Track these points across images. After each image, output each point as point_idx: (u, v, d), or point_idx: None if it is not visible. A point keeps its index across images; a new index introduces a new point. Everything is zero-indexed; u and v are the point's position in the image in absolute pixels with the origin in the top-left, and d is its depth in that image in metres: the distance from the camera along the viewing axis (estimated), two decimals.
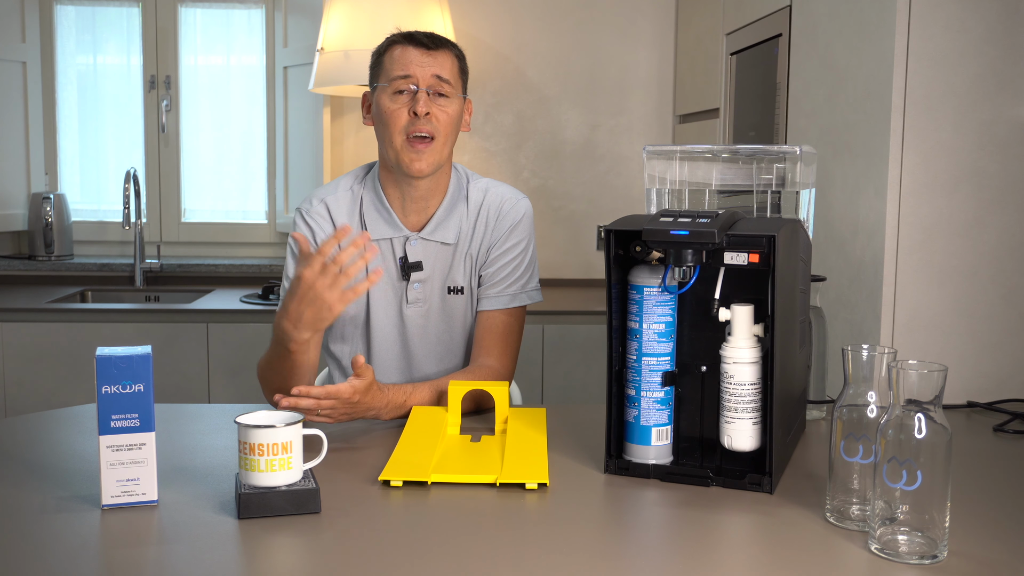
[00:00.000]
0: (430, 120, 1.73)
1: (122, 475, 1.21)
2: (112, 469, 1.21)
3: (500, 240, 1.84)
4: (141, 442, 1.21)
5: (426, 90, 1.73)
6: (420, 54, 1.75)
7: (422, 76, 1.73)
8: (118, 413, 1.20)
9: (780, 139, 2.36)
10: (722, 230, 1.28)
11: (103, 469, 1.21)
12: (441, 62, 1.76)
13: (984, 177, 1.77)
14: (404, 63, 1.75)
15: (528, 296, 1.86)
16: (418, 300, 1.83)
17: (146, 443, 1.22)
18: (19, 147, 3.57)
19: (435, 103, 1.74)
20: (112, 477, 1.21)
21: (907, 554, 1.07)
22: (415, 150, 1.73)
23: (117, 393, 1.20)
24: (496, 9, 3.57)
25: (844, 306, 1.95)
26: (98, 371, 1.19)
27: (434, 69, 1.74)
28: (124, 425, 1.21)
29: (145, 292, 3.51)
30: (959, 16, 1.74)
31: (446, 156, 1.78)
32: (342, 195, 1.84)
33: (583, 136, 3.64)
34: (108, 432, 1.20)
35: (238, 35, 3.73)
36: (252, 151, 3.76)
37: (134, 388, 1.21)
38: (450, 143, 1.78)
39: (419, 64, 1.74)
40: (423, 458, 1.38)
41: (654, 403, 1.35)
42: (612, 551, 1.11)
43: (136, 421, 1.21)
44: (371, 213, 1.82)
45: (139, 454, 1.21)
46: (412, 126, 1.72)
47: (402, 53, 1.76)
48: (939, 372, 1.05)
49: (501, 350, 1.80)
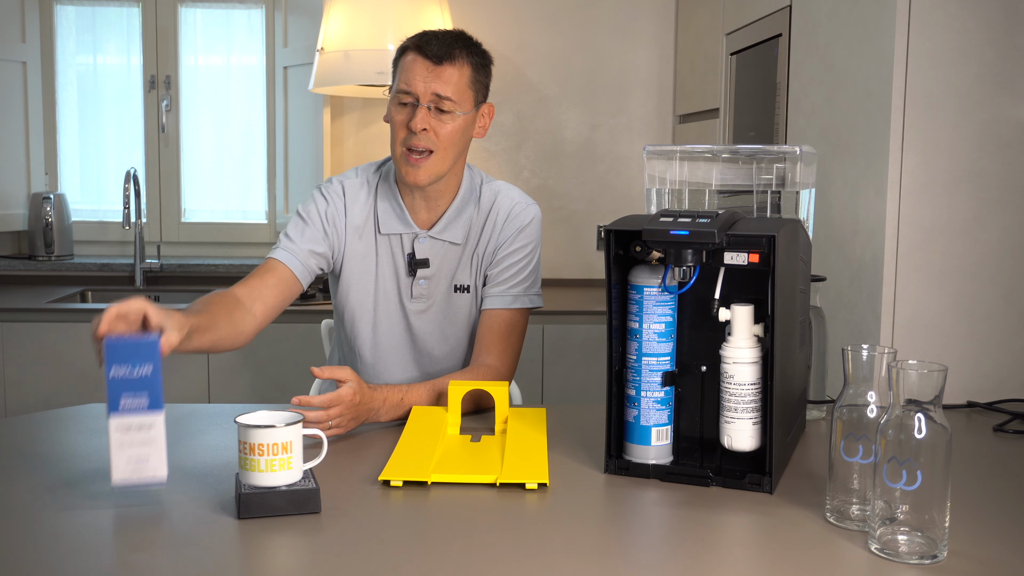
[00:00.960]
0: (427, 135, 1.74)
1: (132, 454, 1.22)
2: (122, 449, 1.22)
3: (507, 242, 1.85)
4: (151, 422, 1.23)
5: (427, 106, 1.73)
6: (426, 69, 1.74)
7: (423, 92, 1.74)
8: (128, 393, 1.22)
9: (780, 139, 2.36)
10: (722, 230, 1.28)
11: (113, 449, 1.21)
12: (446, 78, 1.74)
13: (984, 177, 1.77)
14: (409, 76, 1.75)
15: (530, 299, 1.87)
16: (422, 296, 1.85)
17: (155, 423, 1.23)
18: (19, 147, 3.57)
19: (435, 118, 1.74)
20: (122, 456, 1.22)
21: (907, 554, 1.07)
22: (410, 163, 1.75)
23: (126, 376, 1.22)
24: (496, 9, 3.57)
25: (844, 306, 1.95)
26: (107, 354, 1.21)
27: (435, 87, 1.73)
28: (133, 405, 1.22)
29: (145, 292, 3.51)
30: (959, 16, 1.74)
31: (446, 167, 1.79)
32: (359, 183, 1.87)
33: (583, 136, 3.64)
34: (118, 412, 1.22)
35: (238, 35, 3.73)
36: (252, 151, 3.76)
37: (142, 370, 1.22)
38: (451, 155, 1.78)
39: (422, 79, 1.74)
40: (423, 458, 1.38)
41: (654, 403, 1.35)
42: (612, 551, 1.11)
43: (145, 402, 1.23)
44: (384, 207, 1.85)
45: (148, 434, 1.23)
46: (409, 140, 1.74)
47: (411, 64, 1.75)
48: (939, 372, 1.05)
49: (502, 349, 1.81)
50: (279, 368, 3.03)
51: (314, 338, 2.98)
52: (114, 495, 1.25)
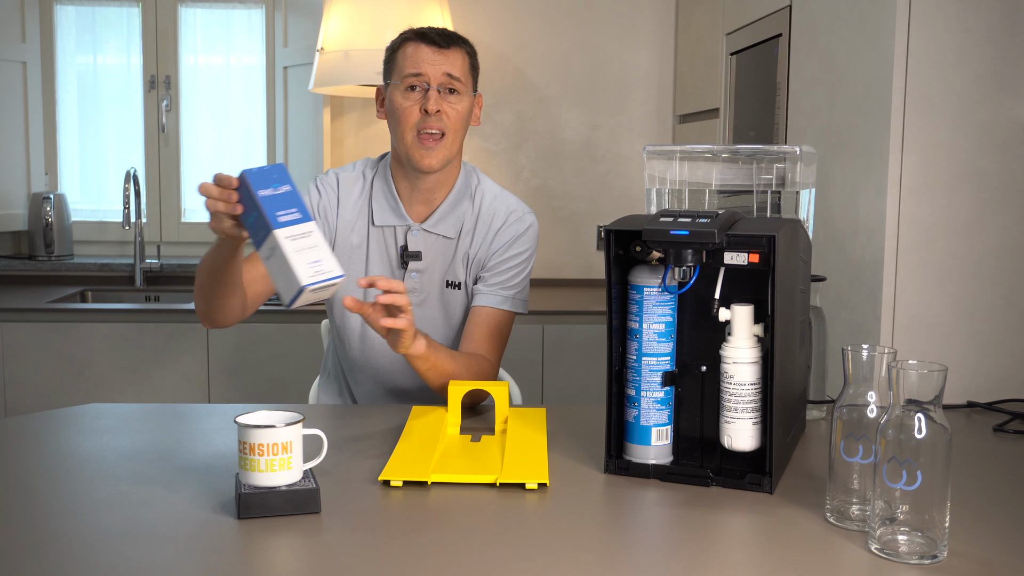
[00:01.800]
0: (441, 117, 1.77)
1: (308, 258, 1.30)
2: (299, 254, 1.30)
3: (503, 248, 1.87)
4: (309, 230, 1.32)
5: (437, 88, 1.77)
6: (432, 52, 1.78)
7: (433, 74, 1.77)
8: (281, 210, 1.31)
9: (780, 139, 2.36)
10: (722, 230, 1.28)
11: (291, 256, 1.28)
12: (453, 60, 1.79)
13: (984, 177, 1.77)
14: (416, 61, 1.78)
15: (521, 303, 1.89)
16: (414, 289, 1.87)
17: (313, 230, 1.32)
18: (19, 147, 3.57)
19: (446, 100, 1.78)
20: (301, 261, 1.29)
21: (907, 554, 1.07)
22: (425, 147, 1.77)
23: (273, 194, 1.32)
24: (496, 9, 3.57)
25: (844, 306, 1.95)
26: (252, 181, 1.32)
27: (445, 67, 1.77)
28: (290, 218, 1.32)
29: (145, 292, 3.52)
30: (959, 16, 1.74)
31: (455, 151, 1.82)
32: (355, 176, 1.90)
33: (583, 136, 3.64)
34: (280, 226, 1.30)
35: (238, 35, 3.73)
36: (252, 151, 3.76)
37: (283, 188, 1.34)
38: (460, 139, 1.82)
39: (431, 62, 1.77)
40: (423, 458, 1.38)
41: (654, 403, 1.35)
42: (612, 551, 1.11)
43: (297, 214, 1.32)
44: (379, 199, 1.87)
45: (312, 239, 1.32)
46: (423, 123, 1.76)
47: (415, 51, 1.79)
48: (939, 372, 1.05)
49: (490, 346, 1.82)
50: (279, 368, 3.03)
51: (314, 338, 2.98)
52: (118, 486, 1.25)
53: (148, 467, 1.37)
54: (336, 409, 1.80)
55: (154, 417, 1.65)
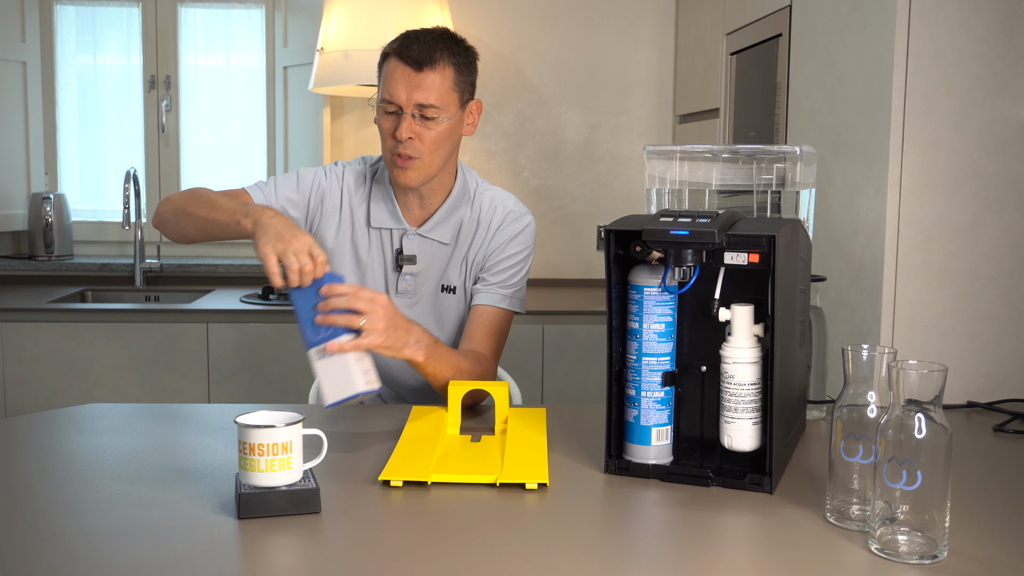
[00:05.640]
0: (413, 143, 1.75)
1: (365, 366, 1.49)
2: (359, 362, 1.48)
3: (500, 247, 1.87)
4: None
5: (410, 114, 1.74)
6: (409, 74, 1.73)
7: (405, 102, 1.74)
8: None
9: (780, 139, 2.36)
10: (722, 230, 1.28)
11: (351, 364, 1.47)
12: (428, 85, 1.73)
13: (984, 177, 1.77)
14: (391, 85, 1.74)
15: (519, 303, 1.89)
16: (407, 292, 1.87)
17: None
18: (19, 147, 3.57)
19: (420, 125, 1.75)
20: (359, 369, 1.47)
21: (907, 554, 1.07)
22: (399, 166, 1.77)
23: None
24: (496, 9, 3.57)
25: (844, 306, 1.95)
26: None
27: (418, 96, 1.73)
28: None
29: (145, 292, 3.51)
30: (959, 16, 1.74)
31: (436, 168, 1.80)
32: (358, 172, 1.91)
33: (583, 136, 3.64)
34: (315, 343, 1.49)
35: (238, 35, 3.73)
36: (252, 151, 3.76)
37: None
38: (440, 157, 1.79)
39: (406, 86, 1.73)
40: (423, 458, 1.38)
41: (654, 403, 1.35)
42: (612, 551, 1.11)
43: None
44: (377, 200, 1.88)
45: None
46: (395, 148, 1.76)
47: (392, 71, 1.75)
48: (939, 372, 1.05)
49: (489, 344, 1.82)
50: (279, 368, 3.03)
51: None
52: (118, 486, 1.25)
53: (148, 467, 1.37)
54: (336, 409, 1.79)
55: (154, 417, 1.65)
